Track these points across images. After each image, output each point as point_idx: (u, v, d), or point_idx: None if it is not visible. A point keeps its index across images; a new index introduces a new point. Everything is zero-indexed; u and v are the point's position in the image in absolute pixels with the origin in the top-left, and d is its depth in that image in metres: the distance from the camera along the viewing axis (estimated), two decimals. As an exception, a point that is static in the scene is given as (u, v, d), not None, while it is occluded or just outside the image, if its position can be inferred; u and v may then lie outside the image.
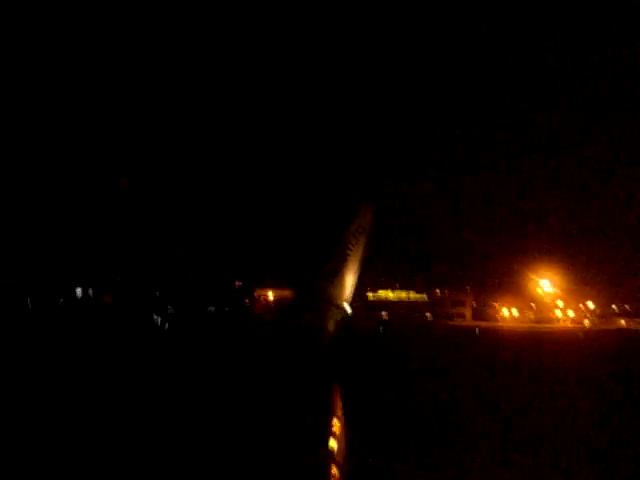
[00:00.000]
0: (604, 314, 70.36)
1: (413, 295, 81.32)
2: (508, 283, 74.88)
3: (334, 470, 8.86)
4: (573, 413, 20.29)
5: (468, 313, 77.81)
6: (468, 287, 78.14)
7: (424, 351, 36.12)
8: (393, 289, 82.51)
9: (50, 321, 36.85)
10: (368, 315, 71.15)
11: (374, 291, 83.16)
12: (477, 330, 51.05)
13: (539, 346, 43.26)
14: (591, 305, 71.66)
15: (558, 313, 72.05)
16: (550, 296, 72.94)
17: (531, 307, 76.92)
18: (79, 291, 57.16)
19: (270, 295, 74.91)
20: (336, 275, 14.42)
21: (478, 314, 76.66)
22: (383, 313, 73.33)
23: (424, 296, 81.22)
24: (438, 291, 79.98)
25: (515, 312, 77.35)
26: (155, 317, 41.91)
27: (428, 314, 76.07)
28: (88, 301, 51.02)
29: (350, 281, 14.82)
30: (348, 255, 14.60)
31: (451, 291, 78.80)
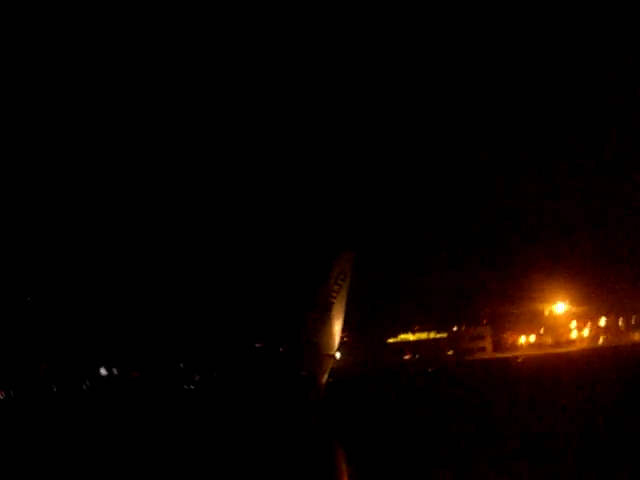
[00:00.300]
0: (617, 329, 71.14)
1: (433, 335, 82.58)
2: (521, 311, 76.17)
3: None
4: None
5: (489, 346, 78.90)
6: (484, 320, 79.55)
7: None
8: (413, 332, 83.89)
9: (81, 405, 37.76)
10: (391, 359, 72.79)
11: (395, 336, 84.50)
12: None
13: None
14: (603, 322, 72.50)
15: (574, 334, 72.89)
16: (563, 318, 73.93)
17: (546, 331, 77.96)
18: (103, 370, 54.61)
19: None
20: (324, 324, 15.23)
21: (497, 345, 77.85)
22: (406, 357, 74.95)
23: (444, 334, 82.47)
24: (456, 328, 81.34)
25: (532, 338, 78.41)
26: (185, 387, 43.18)
27: (450, 351, 77.44)
28: (115, 379, 50.14)
29: (337, 327, 15.70)
30: (332, 303, 15.37)
31: (468, 326, 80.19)
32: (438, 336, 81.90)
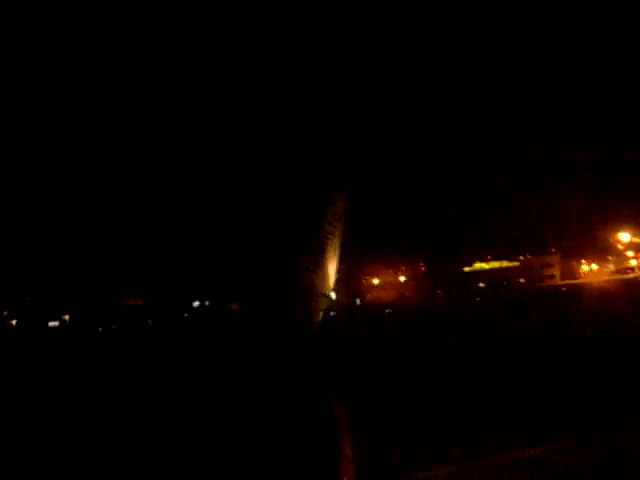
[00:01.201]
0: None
1: (506, 264, 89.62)
2: (588, 241, 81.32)
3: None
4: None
5: (557, 273, 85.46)
6: (554, 249, 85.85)
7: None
8: (487, 261, 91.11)
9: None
10: (465, 286, 79.97)
11: (470, 265, 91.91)
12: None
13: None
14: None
15: (633, 262, 77.77)
16: (627, 247, 78.58)
17: (609, 260, 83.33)
18: (196, 304, 58.80)
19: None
20: (318, 266, 17.97)
21: (565, 274, 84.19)
22: (480, 284, 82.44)
23: (517, 263, 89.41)
24: (528, 257, 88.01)
25: (595, 267, 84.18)
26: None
27: (522, 279, 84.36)
28: (211, 311, 51.40)
29: (332, 270, 18.57)
30: (327, 245, 18.15)
31: (539, 255, 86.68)
32: (510, 265, 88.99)
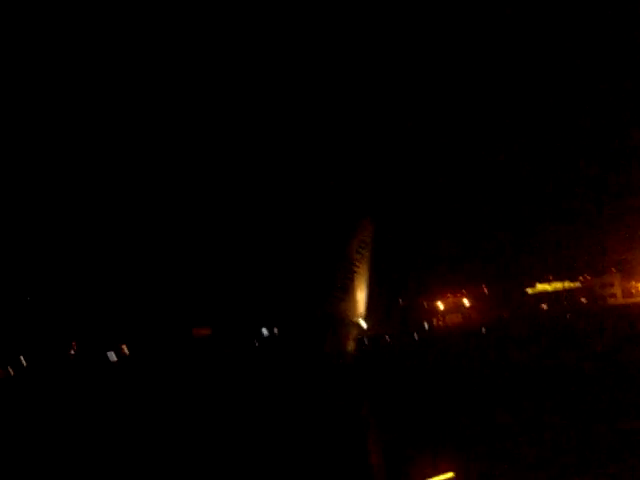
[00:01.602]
0: None
1: (567, 284, 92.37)
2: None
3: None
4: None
5: (618, 292, 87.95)
6: (613, 269, 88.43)
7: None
8: (549, 282, 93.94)
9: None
10: (529, 308, 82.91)
11: (532, 286, 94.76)
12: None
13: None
14: None
15: None
16: None
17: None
18: (265, 331, 59.51)
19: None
20: (347, 293, 17.74)
21: (626, 292, 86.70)
22: (543, 306, 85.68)
23: (578, 284, 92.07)
24: (588, 277, 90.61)
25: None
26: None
27: (583, 299, 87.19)
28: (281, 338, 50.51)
29: (361, 297, 17.63)
30: (355, 272, 17.27)
31: (599, 275, 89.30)
32: (572, 285, 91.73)
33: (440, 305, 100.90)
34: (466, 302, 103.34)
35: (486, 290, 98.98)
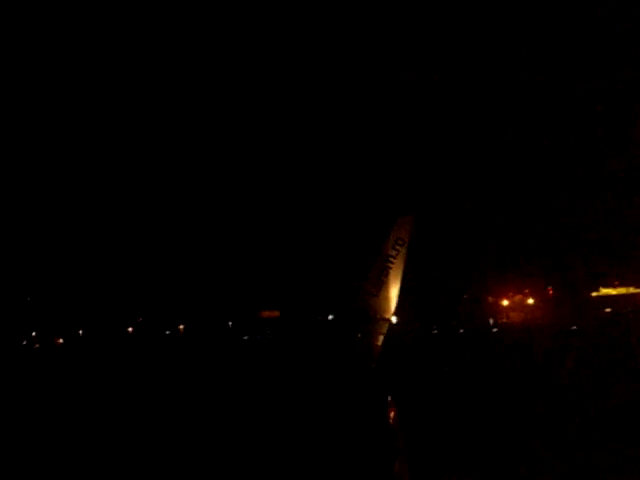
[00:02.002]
0: None
1: (633, 290, 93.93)
2: None
3: None
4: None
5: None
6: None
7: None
8: (614, 287, 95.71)
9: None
10: (592, 311, 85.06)
11: (597, 290, 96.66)
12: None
13: None
14: None
15: None
16: None
17: None
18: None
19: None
20: (380, 289, 15.11)
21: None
22: (607, 310, 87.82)
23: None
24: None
25: None
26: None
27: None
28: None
29: (394, 294, 15.34)
30: (390, 269, 15.05)
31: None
32: (637, 291, 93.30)
33: (505, 302, 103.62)
34: (530, 301, 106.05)
35: (551, 291, 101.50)
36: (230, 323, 60.75)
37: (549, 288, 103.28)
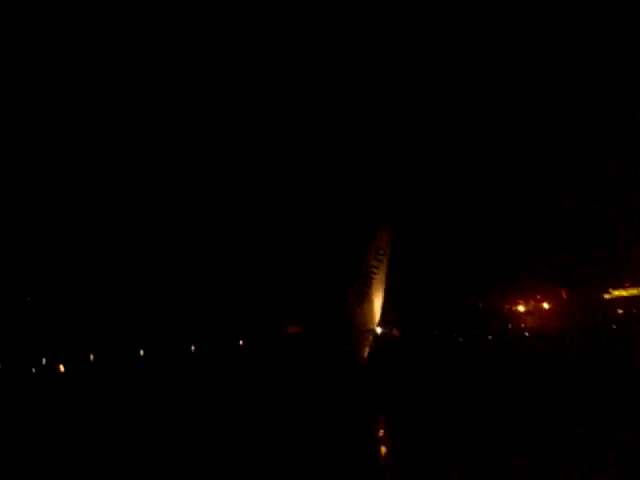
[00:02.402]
0: None
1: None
2: None
3: None
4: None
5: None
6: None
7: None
8: (625, 288, 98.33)
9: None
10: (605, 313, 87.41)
11: (609, 292, 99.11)
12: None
13: None
14: None
15: None
16: None
17: None
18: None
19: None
20: (364, 300, 14.37)
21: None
22: (619, 311, 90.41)
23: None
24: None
25: None
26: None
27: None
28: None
29: (378, 303, 14.57)
30: (372, 279, 14.35)
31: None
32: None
33: (519, 308, 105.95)
34: (545, 305, 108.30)
35: (565, 294, 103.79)
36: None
37: (562, 291, 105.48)
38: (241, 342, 46.94)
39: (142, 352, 46.42)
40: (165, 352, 44.12)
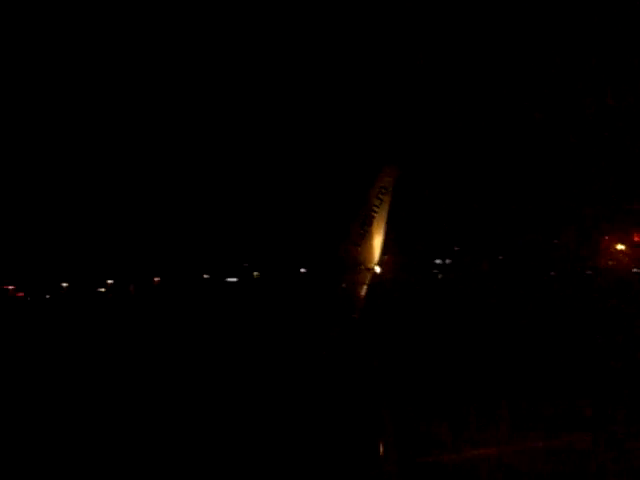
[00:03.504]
0: None
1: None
2: None
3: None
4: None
5: None
6: None
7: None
8: None
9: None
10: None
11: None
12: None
13: None
14: None
15: None
16: None
17: None
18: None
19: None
20: (364, 238, 14.66)
21: None
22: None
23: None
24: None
25: None
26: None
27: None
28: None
29: (378, 243, 14.89)
30: (373, 218, 14.65)
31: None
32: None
33: (619, 246, 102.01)
34: (619, 247, 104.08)
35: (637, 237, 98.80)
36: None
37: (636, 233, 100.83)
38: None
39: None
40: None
